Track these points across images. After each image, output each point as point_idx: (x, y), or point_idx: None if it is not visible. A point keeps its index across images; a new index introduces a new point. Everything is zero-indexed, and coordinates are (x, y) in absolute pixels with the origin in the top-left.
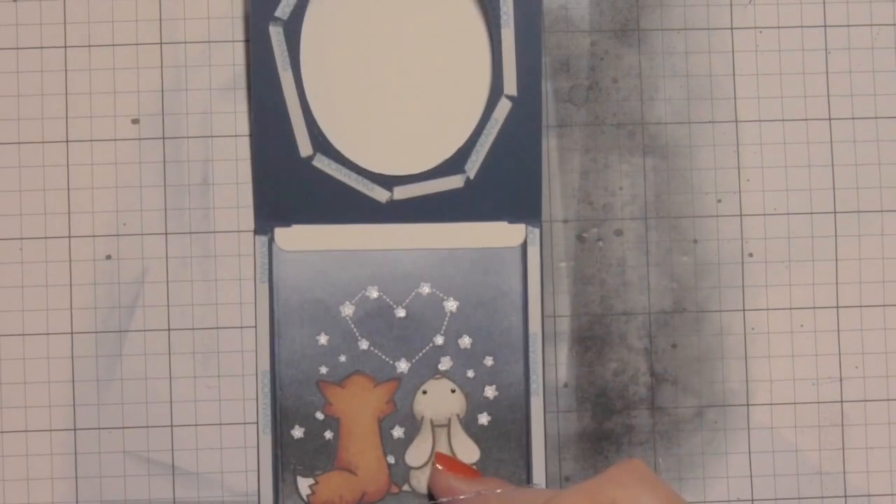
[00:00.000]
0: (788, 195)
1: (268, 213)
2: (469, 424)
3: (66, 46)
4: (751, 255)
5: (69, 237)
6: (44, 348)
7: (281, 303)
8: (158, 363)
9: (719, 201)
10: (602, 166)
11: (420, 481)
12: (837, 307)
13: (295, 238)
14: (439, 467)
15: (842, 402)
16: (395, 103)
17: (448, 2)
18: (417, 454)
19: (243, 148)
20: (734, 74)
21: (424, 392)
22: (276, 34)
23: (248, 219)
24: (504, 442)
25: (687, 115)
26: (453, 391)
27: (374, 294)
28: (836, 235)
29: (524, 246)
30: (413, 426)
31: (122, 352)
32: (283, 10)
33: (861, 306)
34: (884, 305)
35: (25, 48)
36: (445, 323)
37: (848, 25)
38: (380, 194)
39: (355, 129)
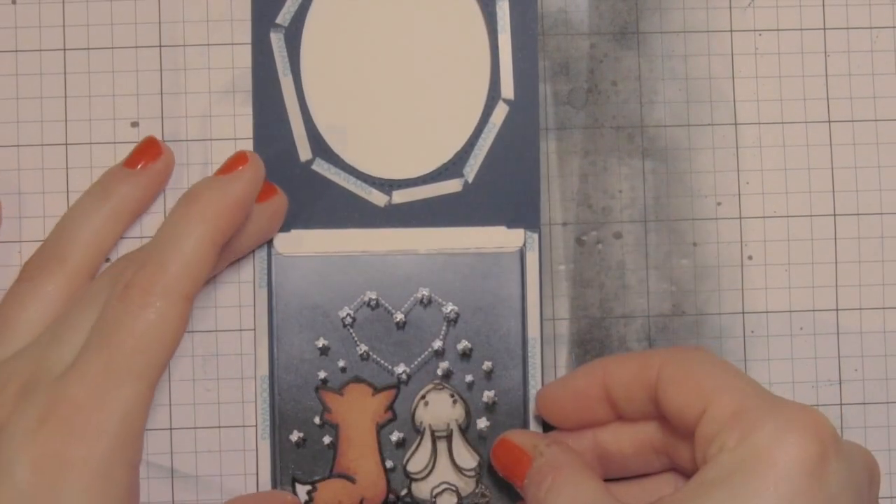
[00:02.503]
0: (788, 198)
1: None
2: (468, 429)
3: (64, 49)
4: (750, 257)
5: None
6: None
7: (280, 308)
8: None
9: (719, 204)
10: (601, 169)
11: (420, 489)
12: (837, 310)
13: (294, 242)
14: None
15: (841, 404)
16: (394, 108)
17: (446, 8)
18: (416, 460)
19: None
20: (733, 77)
21: (423, 397)
22: (276, 40)
23: None
24: None
25: (686, 118)
26: (452, 396)
27: (373, 299)
28: (835, 238)
29: (523, 250)
30: (412, 431)
31: None
32: (283, 17)
33: (861, 309)
34: (883, 308)
35: (24, 51)
36: (444, 328)
37: (847, 28)
38: (378, 198)
39: (354, 134)
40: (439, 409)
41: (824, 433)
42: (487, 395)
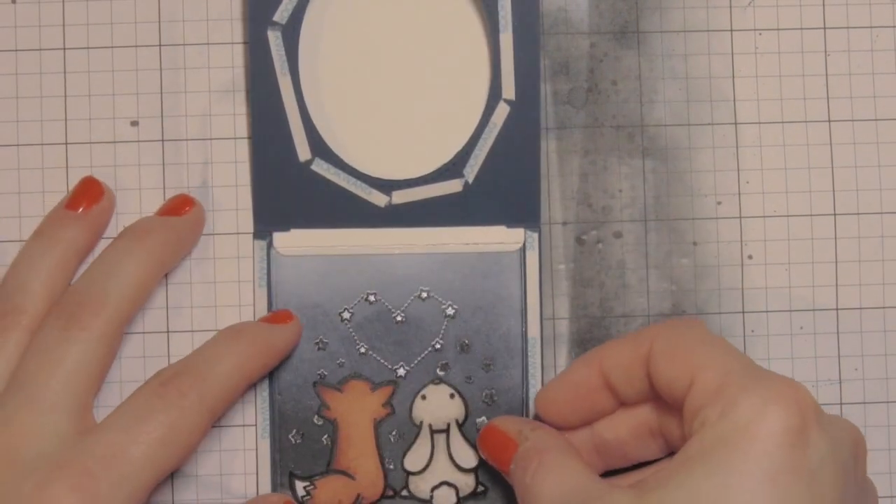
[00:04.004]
0: (788, 197)
1: (266, 218)
2: (468, 429)
3: (64, 48)
4: (750, 257)
5: None
6: None
7: (279, 307)
8: (158, 365)
9: (719, 203)
10: (601, 168)
11: (418, 486)
12: (837, 309)
13: (293, 242)
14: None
15: (841, 404)
16: (394, 108)
17: (446, 7)
18: (415, 457)
19: (242, 150)
20: (733, 76)
21: (423, 397)
22: (274, 39)
23: (247, 221)
24: None
25: (686, 118)
26: (452, 396)
27: (373, 298)
28: (835, 238)
29: (523, 250)
30: (411, 431)
31: (121, 354)
32: (281, 15)
33: (861, 308)
34: (884, 308)
35: (24, 50)
36: (444, 327)
37: (847, 27)
38: (378, 198)
39: (354, 134)
40: (437, 404)
41: (804, 405)
42: (487, 394)
